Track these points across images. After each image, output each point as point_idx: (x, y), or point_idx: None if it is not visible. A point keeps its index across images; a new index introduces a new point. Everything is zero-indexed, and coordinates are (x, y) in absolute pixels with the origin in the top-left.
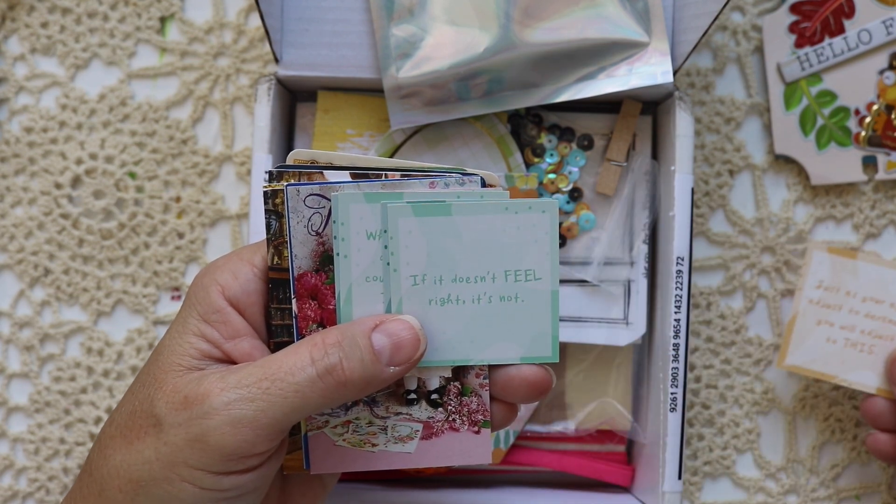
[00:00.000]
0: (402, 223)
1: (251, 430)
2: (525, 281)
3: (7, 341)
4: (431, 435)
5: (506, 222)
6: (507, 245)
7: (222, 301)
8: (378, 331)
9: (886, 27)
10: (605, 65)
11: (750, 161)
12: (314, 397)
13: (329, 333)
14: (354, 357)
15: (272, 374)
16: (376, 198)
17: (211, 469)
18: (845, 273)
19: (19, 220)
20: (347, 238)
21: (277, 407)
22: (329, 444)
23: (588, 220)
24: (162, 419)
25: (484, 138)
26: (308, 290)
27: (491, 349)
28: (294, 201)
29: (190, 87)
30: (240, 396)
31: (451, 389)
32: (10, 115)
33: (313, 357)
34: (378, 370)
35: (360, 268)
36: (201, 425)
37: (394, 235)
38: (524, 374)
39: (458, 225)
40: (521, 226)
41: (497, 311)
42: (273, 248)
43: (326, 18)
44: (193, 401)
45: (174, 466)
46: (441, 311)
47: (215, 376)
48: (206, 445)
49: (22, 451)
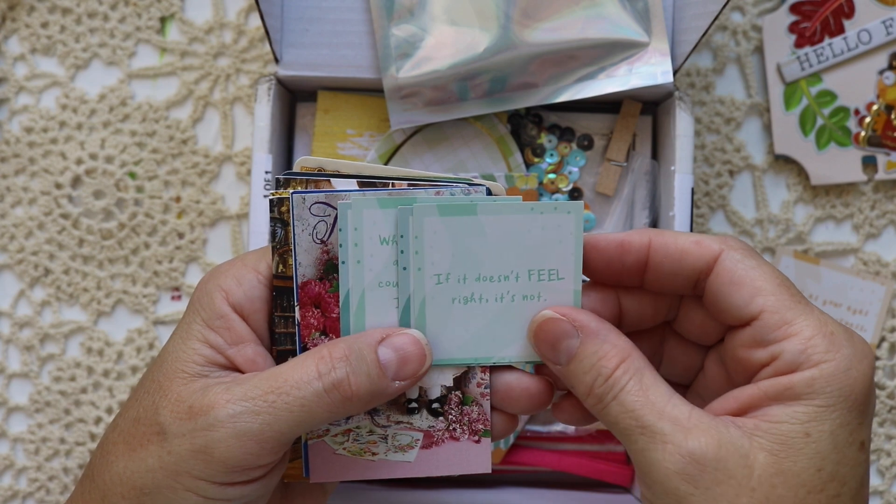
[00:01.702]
0: (428, 222)
1: (256, 444)
2: (549, 280)
3: (7, 341)
4: (431, 444)
5: (531, 222)
6: (531, 245)
7: (226, 307)
8: (384, 344)
9: (886, 27)
10: (605, 65)
11: (750, 161)
12: (319, 411)
13: (336, 346)
14: (361, 372)
15: (278, 388)
16: (389, 203)
17: (215, 479)
18: (809, 278)
19: (19, 220)
20: (361, 243)
21: (283, 421)
22: (329, 452)
23: (588, 220)
24: (166, 428)
25: (484, 138)
26: (311, 299)
27: (512, 347)
28: (299, 209)
29: (190, 87)
30: (245, 409)
31: (452, 398)
32: (11, 115)
33: (320, 371)
34: (384, 385)
35: (373, 273)
36: (206, 437)
37: (418, 235)
38: (525, 385)
39: (483, 224)
40: (547, 226)
41: (520, 310)
42: (278, 255)
43: (326, 18)
44: (198, 411)
45: (178, 476)
46: (464, 309)
47: (221, 387)
48: (210, 457)
49: (22, 451)
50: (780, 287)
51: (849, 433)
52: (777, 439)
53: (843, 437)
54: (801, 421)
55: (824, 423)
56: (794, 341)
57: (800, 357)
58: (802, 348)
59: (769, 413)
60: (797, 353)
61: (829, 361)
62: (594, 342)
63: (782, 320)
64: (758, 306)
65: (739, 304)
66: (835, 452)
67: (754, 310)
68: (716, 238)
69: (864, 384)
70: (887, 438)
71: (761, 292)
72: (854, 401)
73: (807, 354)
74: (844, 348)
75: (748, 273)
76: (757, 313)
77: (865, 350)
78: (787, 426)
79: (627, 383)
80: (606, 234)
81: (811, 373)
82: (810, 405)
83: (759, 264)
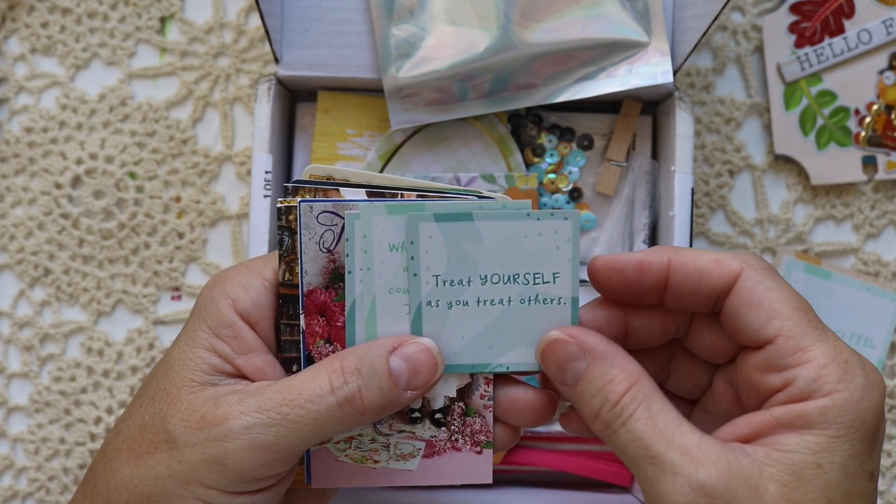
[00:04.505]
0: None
1: (270, 455)
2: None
3: (7, 341)
4: (433, 454)
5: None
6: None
7: (233, 315)
8: (396, 354)
9: (886, 27)
10: (605, 65)
11: (750, 161)
12: (332, 424)
13: (347, 358)
14: (373, 385)
15: (292, 400)
16: (398, 209)
17: (225, 489)
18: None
19: (19, 220)
20: (370, 250)
21: (297, 433)
22: (331, 458)
23: (588, 220)
24: (176, 437)
25: (484, 138)
26: (317, 307)
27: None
28: (306, 218)
29: (190, 87)
30: (259, 421)
31: (455, 409)
32: (10, 115)
33: (333, 385)
34: (396, 395)
35: (383, 280)
36: (220, 447)
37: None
38: (529, 399)
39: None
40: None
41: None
42: (285, 263)
43: (326, 18)
44: (211, 422)
45: (188, 484)
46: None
47: (234, 398)
48: (223, 467)
49: (22, 451)
50: (797, 311)
51: (859, 464)
52: (788, 469)
53: (854, 467)
54: (812, 451)
55: (836, 453)
56: (809, 368)
57: (813, 385)
58: (816, 376)
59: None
60: (811, 381)
61: (842, 391)
62: (602, 366)
63: (797, 346)
64: (774, 330)
65: (756, 327)
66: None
67: (770, 333)
68: (735, 256)
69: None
70: (888, 438)
71: (778, 315)
72: (865, 431)
73: (820, 383)
74: (857, 377)
75: (767, 295)
76: (773, 337)
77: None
78: (799, 456)
79: (636, 410)
80: (624, 255)
81: (824, 402)
82: (822, 435)
83: (778, 286)
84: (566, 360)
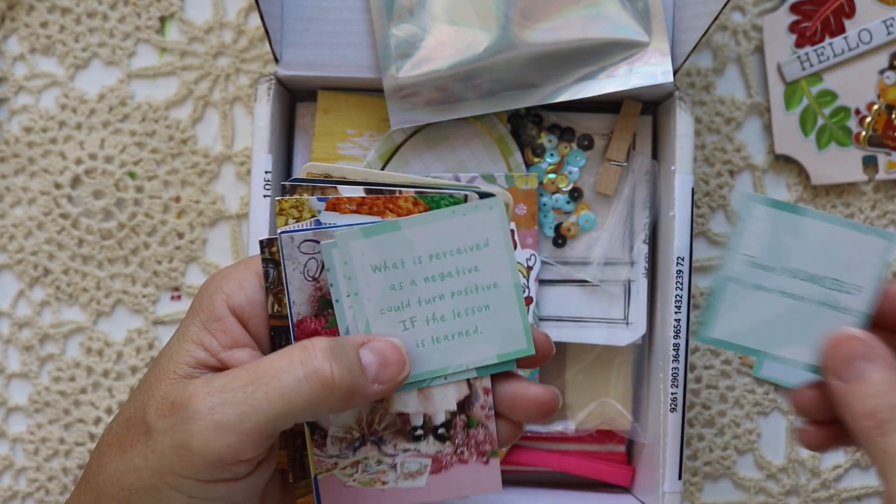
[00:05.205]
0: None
1: (235, 436)
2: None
3: (7, 341)
4: (441, 469)
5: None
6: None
7: (225, 310)
8: (366, 348)
9: (887, 27)
10: (605, 65)
11: (750, 161)
12: (299, 401)
13: (319, 340)
14: (343, 365)
15: (258, 378)
16: (374, 231)
17: (198, 477)
18: None
19: (19, 220)
20: (353, 276)
21: (262, 412)
22: (340, 485)
23: (588, 220)
24: (151, 426)
25: (484, 138)
26: (308, 336)
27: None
28: (289, 248)
29: (190, 87)
30: (223, 401)
31: (458, 422)
32: (10, 115)
33: (301, 359)
34: (364, 383)
35: (372, 302)
36: (185, 430)
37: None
38: (531, 394)
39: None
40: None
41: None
42: (272, 295)
43: (326, 18)
44: (179, 406)
45: (163, 475)
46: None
47: (201, 380)
48: (189, 451)
49: (22, 451)
50: None
51: None
52: None
53: None
54: None
55: None
56: None
57: None
58: None
59: None
60: None
61: None
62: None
63: None
64: None
65: None
66: None
67: None
68: None
69: None
70: None
71: None
72: None
73: None
74: None
75: None
76: None
77: None
78: None
79: None
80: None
81: None
82: None
83: None
84: (855, 357)
